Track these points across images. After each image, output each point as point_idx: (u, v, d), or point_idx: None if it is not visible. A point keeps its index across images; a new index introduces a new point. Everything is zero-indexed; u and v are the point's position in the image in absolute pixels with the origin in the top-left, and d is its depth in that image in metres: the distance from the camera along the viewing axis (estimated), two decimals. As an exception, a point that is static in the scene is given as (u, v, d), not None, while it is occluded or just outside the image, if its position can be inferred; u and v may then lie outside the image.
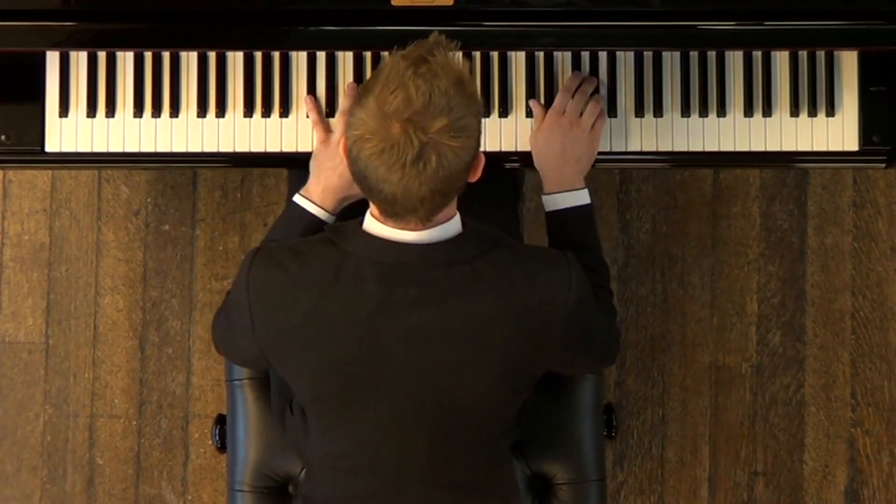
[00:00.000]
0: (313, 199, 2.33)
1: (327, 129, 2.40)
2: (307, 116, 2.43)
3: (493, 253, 2.10)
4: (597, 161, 2.46)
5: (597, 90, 2.43)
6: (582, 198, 2.35)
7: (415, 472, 2.20)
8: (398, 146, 1.96)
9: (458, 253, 2.08)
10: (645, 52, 2.43)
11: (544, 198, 2.36)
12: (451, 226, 2.09)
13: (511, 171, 2.67)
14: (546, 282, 2.10)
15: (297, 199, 2.33)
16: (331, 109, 2.43)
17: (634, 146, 2.44)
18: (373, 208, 2.08)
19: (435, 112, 1.96)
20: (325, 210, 2.32)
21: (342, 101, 2.41)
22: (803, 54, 2.44)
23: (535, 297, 2.09)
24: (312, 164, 2.37)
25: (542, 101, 2.43)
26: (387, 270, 2.06)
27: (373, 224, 2.08)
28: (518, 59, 2.44)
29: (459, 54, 2.05)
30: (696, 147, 2.43)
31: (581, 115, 2.38)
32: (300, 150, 2.44)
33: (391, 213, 2.04)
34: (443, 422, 2.15)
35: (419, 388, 2.11)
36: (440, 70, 1.99)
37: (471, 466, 2.23)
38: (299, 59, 2.44)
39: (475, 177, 2.08)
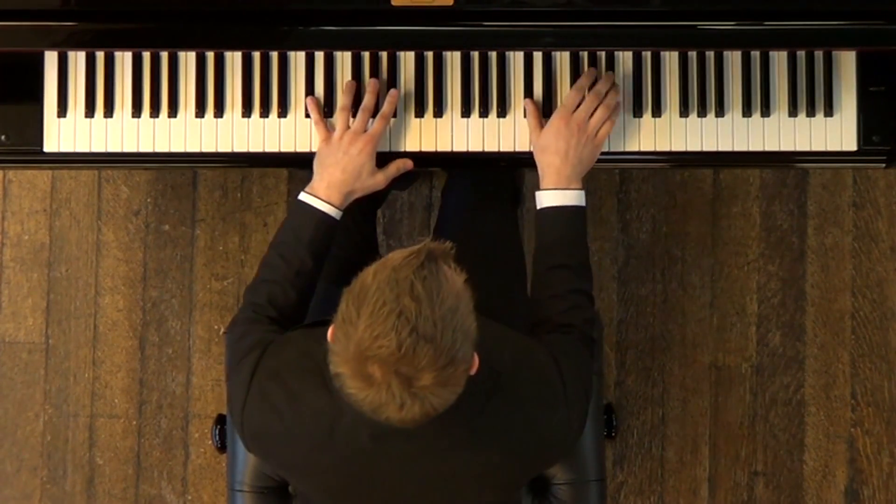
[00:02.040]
0: (319, 195, 2.32)
1: (328, 128, 2.39)
2: (306, 116, 2.43)
3: (491, 405, 2.03)
4: (597, 161, 2.47)
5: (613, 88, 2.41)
6: (577, 199, 2.32)
7: None
8: (381, 393, 1.86)
9: (454, 416, 1.96)
10: (644, 53, 2.43)
11: (538, 193, 2.34)
12: None
13: (511, 172, 2.68)
14: (546, 428, 2.08)
15: (302, 196, 2.32)
16: (330, 109, 2.43)
17: (633, 146, 2.44)
18: None
19: (420, 364, 1.83)
20: (332, 205, 2.31)
21: (341, 98, 2.41)
22: (802, 54, 2.44)
23: (536, 444, 2.08)
24: (315, 163, 2.36)
25: (541, 100, 2.43)
26: (382, 430, 1.97)
27: None
28: (516, 59, 2.43)
29: (452, 266, 1.89)
30: (695, 147, 2.43)
31: (591, 118, 2.36)
32: (299, 150, 2.44)
33: None
34: None
35: None
36: (428, 303, 1.83)
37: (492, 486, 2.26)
38: (297, 59, 2.43)
39: (472, 373, 1.94)
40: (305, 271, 2.28)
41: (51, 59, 2.43)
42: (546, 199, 2.33)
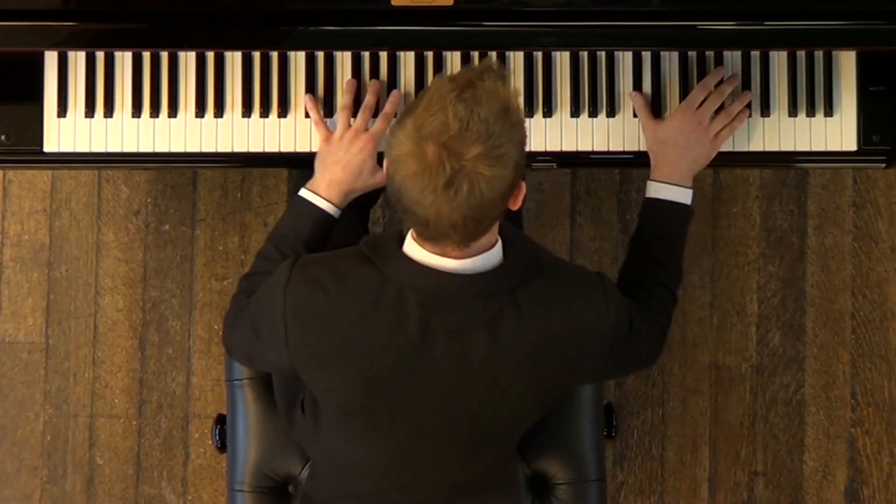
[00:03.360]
0: (319, 193, 2.33)
1: (328, 128, 2.40)
2: (306, 116, 2.43)
3: (533, 282, 2.08)
4: (596, 161, 2.47)
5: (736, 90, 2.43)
6: (685, 197, 2.35)
7: (428, 475, 2.23)
8: (431, 170, 1.94)
9: (499, 283, 2.06)
10: (644, 52, 2.43)
11: (650, 183, 2.36)
12: (493, 255, 2.07)
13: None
14: (583, 310, 2.10)
15: (303, 192, 2.33)
16: (329, 109, 2.43)
17: (633, 146, 2.44)
18: (413, 232, 2.06)
19: (471, 139, 1.93)
20: (332, 203, 2.33)
21: (342, 97, 2.41)
22: (801, 54, 2.44)
23: (572, 326, 2.10)
24: (317, 162, 2.37)
25: (541, 100, 2.43)
26: (428, 297, 2.05)
27: (413, 248, 2.06)
28: (517, 59, 2.43)
29: (511, 82, 2.01)
30: (695, 147, 2.43)
31: (713, 118, 2.38)
32: (299, 150, 2.44)
33: (427, 236, 2.03)
34: (468, 436, 2.17)
35: (451, 409, 2.12)
36: (484, 96, 1.96)
37: (483, 468, 2.25)
38: (297, 59, 2.44)
39: (515, 205, 2.05)
40: None
41: (51, 59, 2.43)
42: (656, 190, 2.36)
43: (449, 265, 2.04)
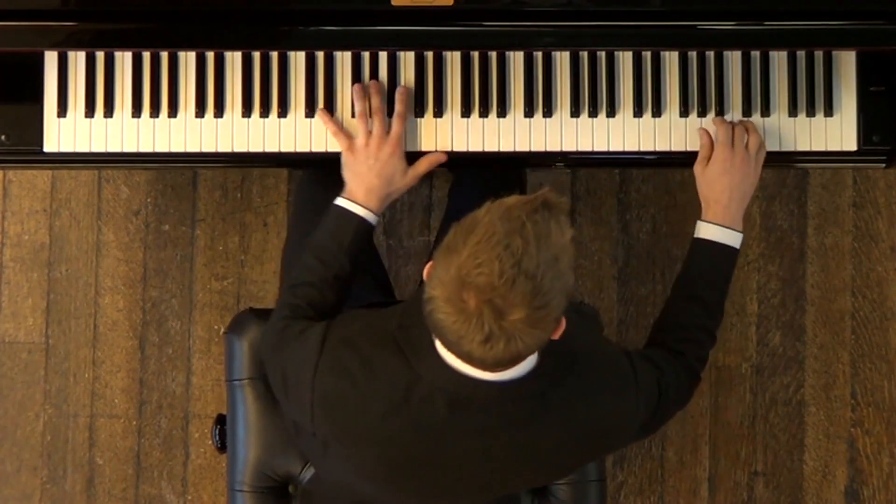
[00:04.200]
0: (358, 201, 2.32)
1: (349, 136, 2.39)
2: (306, 116, 2.43)
3: (564, 382, 2.06)
4: (596, 161, 2.47)
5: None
6: (734, 240, 2.35)
7: None
8: (470, 322, 1.87)
9: (530, 388, 2.03)
10: (644, 52, 2.43)
11: (701, 224, 2.35)
12: (527, 363, 2.02)
13: (515, 173, 2.67)
14: (615, 412, 2.10)
15: (340, 202, 2.32)
16: (330, 109, 2.43)
17: (633, 146, 2.44)
18: None
19: (515, 300, 1.85)
20: (371, 210, 2.32)
21: (356, 104, 2.40)
22: (801, 54, 2.44)
23: (602, 426, 2.10)
24: (346, 173, 2.36)
25: (541, 100, 2.43)
26: (458, 401, 2.02)
27: (447, 353, 2.00)
28: (517, 59, 2.43)
29: (564, 220, 1.92)
30: (696, 147, 2.43)
31: (746, 145, 2.38)
32: (299, 150, 2.44)
33: (462, 359, 1.99)
34: (483, 498, 2.20)
35: (471, 489, 2.13)
36: (535, 244, 1.87)
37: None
38: (297, 59, 2.43)
39: (556, 337, 1.98)
40: (343, 275, 2.29)
41: (51, 59, 2.43)
42: (706, 231, 2.35)
43: (482, 376, 2.00)
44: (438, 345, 2.01)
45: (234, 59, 2.43)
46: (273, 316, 2.29)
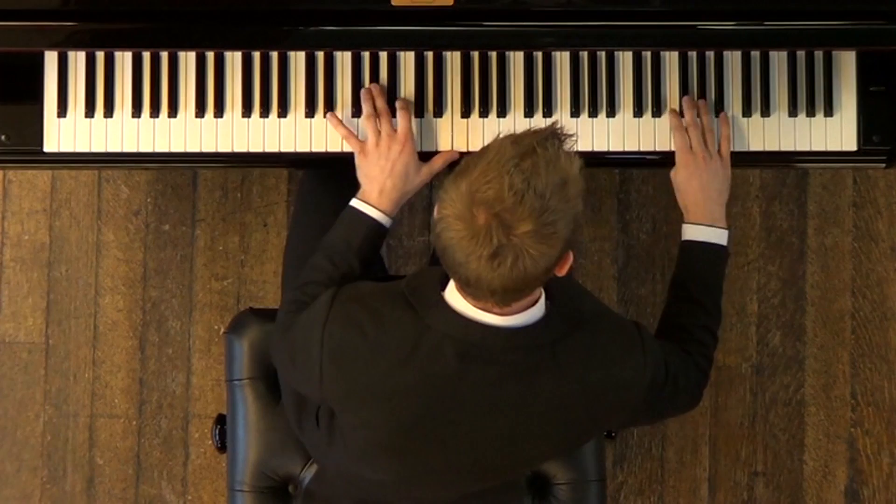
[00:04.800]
0: (371, 203, 2.32)
1: (360, 140, 2.39)
2: (306, 116, 2.43)
3: (573, 335, 2.08)
4: (595, 161, 2.47)
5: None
6: (719, 238, 2.35)
7: (440, 494, 2.27)
8: (478, 237, 1.90)
9: (539, 337, 2.05)
10: (644, 52, 2.43)
11: (684, 226, 2.37)
12: (536, 310, 2.05)
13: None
14: (621, 367, 2.10)
15: (354, 203, 2.32)
16: (330, 109, 2.43)
17: (633, 146, 2.44)
18: (457, 283, 2.04)
19: (523, 214, 1.89)
20: (384, 213, 2.32)
21: (364, 107, 2.40)
22: (801, 54, 2.44)
23: (608, 382, 2.09)
24: (360, 176, 2.36)
25: (541, 100, 2.43)
26: (467, 349, 2.03)
27: (455, 298, 2.04)
28: (517, 59, 2.44)
29: (573, 152, 1.97)
30: (695, 147, 2.43)
31: (707, 144, 2.39)
32: (299, 150, 2.44)
33: (469, 292, 2.00)
34: (490, 471, 2.19)
35: (477, 450, 2.12)
36: (544, 166, 1.91)
37: (494, 486, 2.28)
38: (297, 59, 2.44)
39: (561, 273, 2.01)
40: (352, 276, 2.29)
41: (51, 59, 2.43)
42: (689, 232, 2.37)
43: (491, 320, 2.02)
44: (447, 294, 2.03)
45: (234, 59, 2.43)
46: (279, 313, 2.29)
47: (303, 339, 2.14)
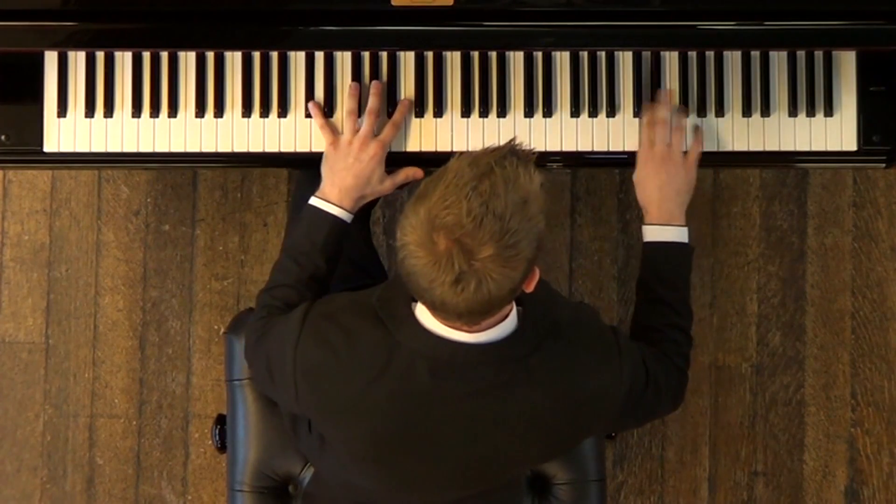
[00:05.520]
0: (331, 200, 2.32)
1: (334, 131, 2.39)
2: (306, 116, 2.43)
3: (546, 347, 2.06)
4: (596, 161, 2.47)
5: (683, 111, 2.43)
6: (679, 235, 2.34)
7: (434, 499, 2.26)
8: (440, 264, 1.88)
9: (511, 351, 2.03)
10: (644, 52, 2.43)
11: (644, 227, 2.35)
12: (507, 324, 2.03)
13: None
14: (597, 378, 2.09)
15: (314, 201, 2.32)
16: (330, 109, 2.43)
17: (633, 146, 2.44)
18: None
19: (484, 238, 1.86)
20: (344, 209, 2.32)
21: (346, 102, 2.41)
22: (801, 54, 2.44)
23: (585, 393, 2.08)
24: (324, 167, 2.36)
25: (541, 100, 2.43)
26: (438, 366, 2.02)
27: (425, 316, 2.02)
28: (517, 59, 2.43)
29: (532, 168, 1.93)
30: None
31: (670, 144, 2.37)
32: (299, 150, 2.44)
33: (437, 314, 1.99)
34: (474, 482, 2.18)
35: (460, 463, 2.12)
36: (503, 187, 1.88)
37: (488, 492, 2.28)
38: (297, 59, 2.44)
39: (529, 289, 2.00)
40: (320, 275, 2.30)
41: (51, 59, 2.43)
42: (649, 233, 2.35)
43: (460, 337, 2.01)
44: (417, 310, 2.02)
45: (234, 59, 2.43)
46: (251, 319, 2.29)
47: (277, 355, 2.13)
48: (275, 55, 2.43)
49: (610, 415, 2.12)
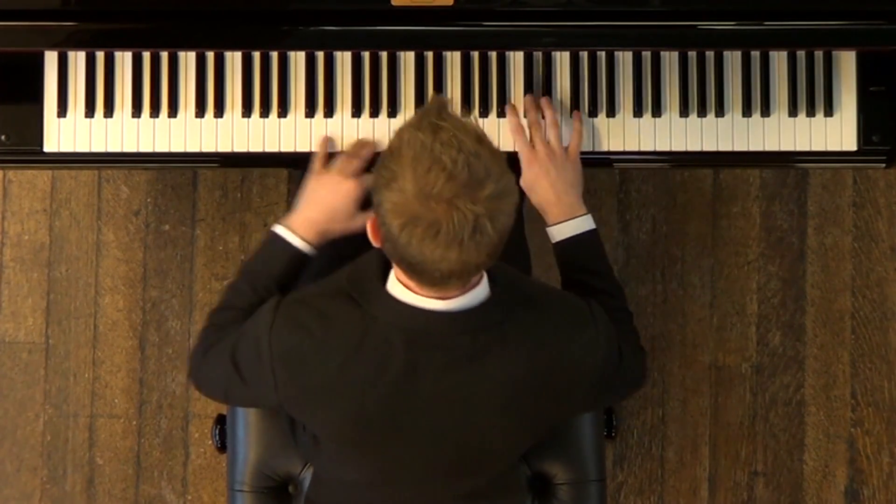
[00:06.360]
0: (296, 231, 2.29)
1: (325, 163, 2.37)
2: (306, 116, 2.43)
3: (520, 314, 2.06)
4: (596, 161, 2.47)
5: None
6: (585, 224, 2.33)
7: (428, 491, 2.24)
8: (452, 225, 1.87)
9: (485, 319, 2.03)
10: (644, 52, 2.43)
11: (550, 230, 2.34)
12: (479, 291, 2.03)
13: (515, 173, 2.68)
14: (573, 343, 2.09)
15: (278, 229, 2.30)
16: (330, 109, 2.43)
17: (633, 146, 2.44)
18: (399, 273, 2.02)
19: (478, 180, 1.87)
20: (307, 242, 2.29)
21: (353, 145, 2.38)
22: (801, 54, 2.44)
23: (562, 359, 2.08)
24: (302, 193, 2.34)
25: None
26: (414, 337, 2.02)
27: (398, 289, 2.02)
28: (516, 59, 2.44)
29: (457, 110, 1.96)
30: (695, 147, 2.43)
31: (549, 142, 2.37)
32: (299, 150, 2.44)
33: (431, 285, 1.99)
34: (460, 462, 2.18)
35: (440, 441, 2.12)
36: (461, 132, 1.90)
37: (484, 482, 2.26)
38: (297, 59, 2.44)
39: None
40: None
41: (51, 59, 2.43)
42: (557, 233, 2.34)
43: (435, 305, 2.01)
44: (389, 284, 2.02)
45: (234, 59, 2.43)
46: (202, 339, 2.27)
47: (249, 348, 2.12)
48: (275, 55, 2.43)
49: (587, 384, 2.12)
